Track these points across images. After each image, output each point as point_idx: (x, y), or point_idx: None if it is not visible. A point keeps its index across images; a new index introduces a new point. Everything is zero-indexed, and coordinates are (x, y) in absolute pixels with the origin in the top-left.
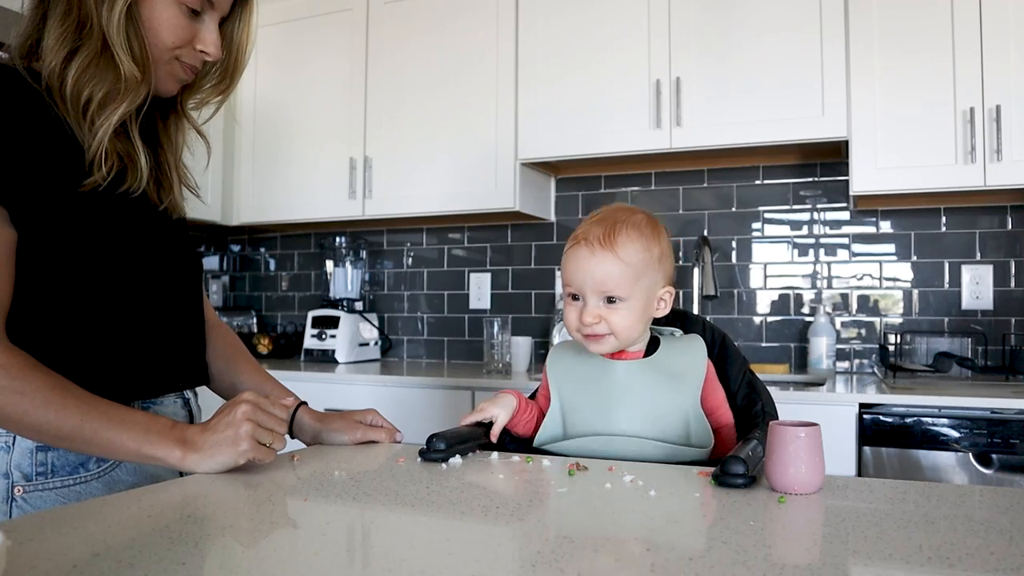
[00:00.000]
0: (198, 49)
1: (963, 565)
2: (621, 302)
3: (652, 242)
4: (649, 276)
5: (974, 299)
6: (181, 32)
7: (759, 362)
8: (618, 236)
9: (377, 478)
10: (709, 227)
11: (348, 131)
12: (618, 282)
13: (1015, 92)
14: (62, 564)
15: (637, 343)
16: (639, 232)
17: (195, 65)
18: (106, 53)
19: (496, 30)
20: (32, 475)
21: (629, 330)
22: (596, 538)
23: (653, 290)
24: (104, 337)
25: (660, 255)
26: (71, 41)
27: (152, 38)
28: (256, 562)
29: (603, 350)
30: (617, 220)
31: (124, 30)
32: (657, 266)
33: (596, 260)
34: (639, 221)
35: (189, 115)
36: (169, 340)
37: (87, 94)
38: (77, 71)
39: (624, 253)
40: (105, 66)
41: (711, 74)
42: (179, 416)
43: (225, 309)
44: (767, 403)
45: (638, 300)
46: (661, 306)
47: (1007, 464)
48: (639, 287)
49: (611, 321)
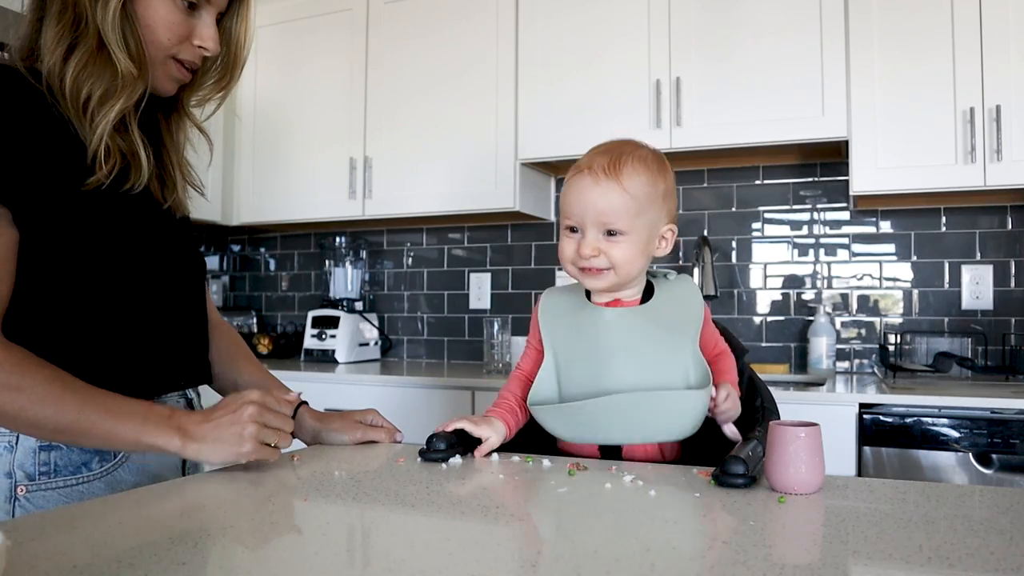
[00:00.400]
0: (196, 45)
1: (963, 565)
2: (622, 236)
3: (658, 177)
4: (653, 211)
5: (974, 299)
6: (177, 28)
7: (759, 362)
8: (624, 167)
9: (377, 478)
10: (709, 227)
11: (348, 131)
12: (620, 214)
13: (1015, 92)
14: (62, 564)
15: (632, 286)
16: (645, 165)
17: (193, 61)
18: (102, 50)
19: (496, 30)
20: (35, 475)
21: (629, 265)
22: (596, 538)
23: (656, 227)
24: (107, 335)
25: (665, 191)
26: (68, 39)
27: (149, 35)
28: (256, 562)
29: (600, 286)
30: (623, 152)
31: (119, 27)
32: (661, 202)
33: (600, 190)
34: (645, 155)
35: (190, 113)
36: (172, 338)
37: (86, 92)
38: (75, 69)
39: (629, 184)
40: (102, 63)
41: (711, 74)
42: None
43: (225, 309)
44: (767, 399)
45: (640, 235)
46: (663, 245)
47: (1007, 464)
48: (641, 221)
49: (611, 255)
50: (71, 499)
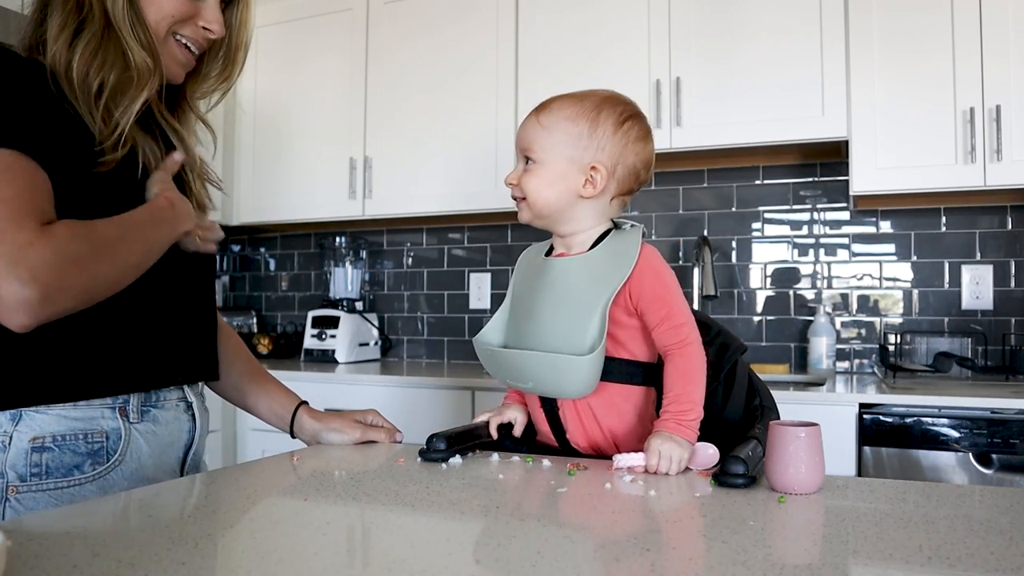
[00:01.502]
0: (201, 26)
1: (963, 565)
2: (534, 165)
3: (587, 115)
4: (569, 146)
5: (974, 299)
6: (180, 7)
7: (759, 362)
8: (551, 102)
9: (377, 478)
10: (709, 227)
11: (348, 131)
12: (530, 142)
13: (1015, 92)
14: (62, 564)
15: (580, 234)
16: (576, 103)
17: (197, 40)
18: (110, 36)
19: (496, 30)
20: (27, 476)
21: (537, 195)
22: (596, 538)
23: (575, 163)
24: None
25: (592, 130)
26: (72, 25)
27: (151, 15)
28: (256, 562)
29: (522, 218)
30: (574, 92)
31: (128, 14)
32: (586, 140)
33: (525, 123)
34: (591, 96)
35: (195, 106)
36: (180, 333)
37: (98, 81)
38: (83, 56)
39: (545, 117)
40: (111, 51)
41: (711, 74)
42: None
43: (225, 309)
44: (765, 398)
45: (552, 167)
46: (589, 186)
47: (1007, 464)
48: (556, 153)
49: (523, 183)
50: (62, 501)
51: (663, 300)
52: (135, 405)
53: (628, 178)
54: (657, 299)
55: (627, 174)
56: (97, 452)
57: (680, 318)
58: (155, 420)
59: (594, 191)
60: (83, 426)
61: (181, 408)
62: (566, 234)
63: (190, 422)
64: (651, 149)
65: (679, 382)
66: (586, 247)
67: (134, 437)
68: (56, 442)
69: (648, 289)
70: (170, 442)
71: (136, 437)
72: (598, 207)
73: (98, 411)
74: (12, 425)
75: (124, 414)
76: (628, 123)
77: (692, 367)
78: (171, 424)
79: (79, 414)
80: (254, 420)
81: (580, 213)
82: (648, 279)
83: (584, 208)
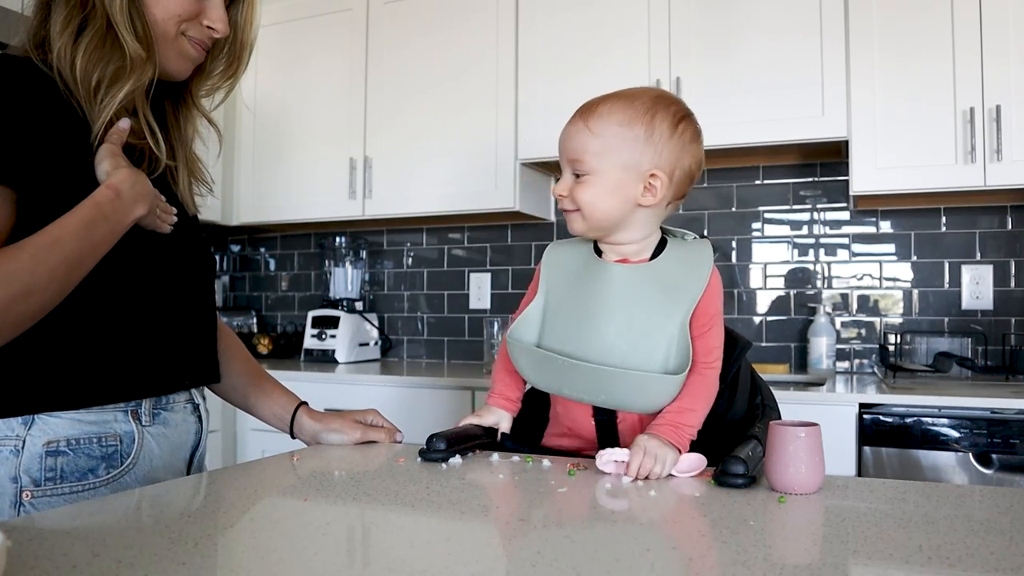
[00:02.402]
0: (205, 25)
1: (963, 565)
2: (588, 177)
3: (640, 118)
4: (625, 152)
5: (974, 299)
6: (185, 7)
7: (759, 362)
8: (598, 107)
9: (377, 478)
10: (709, 227)
11: (348, 131)
12: (583, 154)
13: (1015, 92)
14: (62, 564)
15: (637, 242)
16: (627, 105)
17: (203, 40)
18: (110, 33)
19: (496, 30)
20: (41, 480)
21: (593, 207)
22: (596, 538)
23: (634, 169)
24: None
25: (647, 134)
26: (76, 22)
27: (156, 16)
28: (256, 562)
29: (575, 230)
30: (618, 94)
31: (127, 9)
32: (643, 145)
33: (571, 130)
34: (640, 96)
35: (199, 104)
36: (180, 336)
37: (96, 76)
38: (85, 52)
39: (596, 124)
40: (111, 47)
41: (711, 74)
42: (189, 421)
43: (225, 309)
44: (767, 396)
45: (608, 176)
46: (649, 194)
47: (1007, 464)
48: (610, 162)
49: (576, 196)
50: None
51: (713, 320)
52: (147, 408)
53: (684, 181)
54: (709, 317)
55: (683, 177)
56: (111, 456)
57: (716, 340)
58: (166, 423)
59: (654, 199)
60: (97, 430)
61: (188, 410)
62: (623, 242)
63: (197, 423)
64: (702, 149)
65: (688, 397)
66: (646, 255)
67: (146, 440)
68: (71, 446)
69: (710, 306)
70: (179, 444)
71: (148, 440)
72: (656, 214)
73: (111, 414)
74: (25, 429)
75: (136, 417)
76: (683, 124)
77: (706, 389)
78: (180, 426)
79: (93, 418)
80: (254, 420)
81: (639, 221)
82: (714, 298)
83: (643, 216)
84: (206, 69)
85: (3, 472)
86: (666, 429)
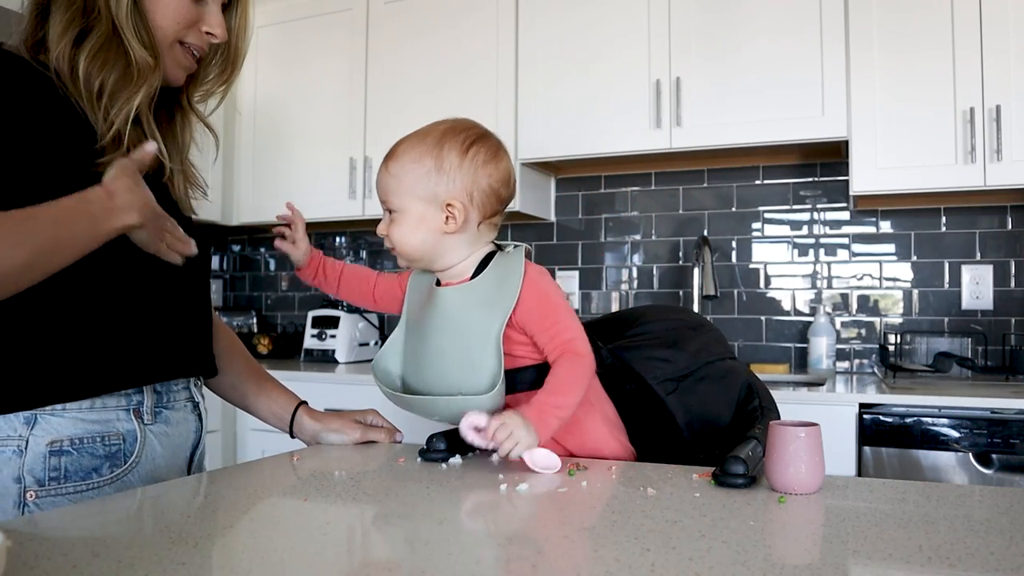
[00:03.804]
0: (204, 31)
1: (963, 565)
2: (396, 215)
3: (431, 152)
4: (421, 187)
5: (974, 299)
6: (186, 13)
7: (759, 362)
8: (397, 148)
9: (377, 478)
10: (709, 227)
11: (348, 131)
12: (386, 194)
13: (1015, 92)
14: (62, 564)
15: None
16: (419, 142)
17: (201, 47)
18: (115, 39)
19: (496, 30)
20: (45, 480)
21: (403, 242)
22: (596, 538)
23: (432, 201)
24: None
25: (437, 166)
26: (77, 27)
27: (157, 22)
28: (256, 562)
29: (402, 264)
30: (416, 132)
31: (132, 15)
32: (435, 177)
33: (379, 174)
34: (432, 131)
35: (196, 109)
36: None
37: (99, 81)
38: (88, 56)
39: (393, 165)
40: (115, 52)
41: (711, 74)
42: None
43: (225, 309)
44: (765, 399)
45: (411, 212)
46: (451, 222)
47: (1007, 464)
48: (408, 198)
49: (390, 234)
50: None
51: (551, 319)
52: (148, 406)
53: (489, 201)
54: (544, 318)
55: (486, 198)
56: (115, 454)
57: (568, 333)
58: (167, 421)
59: (456, 226)
60: (100, 428)
61: (189, 408)
62: (444, 268)
63: (197, 422)
64: (505, 165)
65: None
66: (468, 275)
67: (148, 439)
68: (74, 445)
69: (534, 311)
70: (180, 443)
71: (151, 439)
72: (467, 238)
73: (113, 413)
74: (27, 429)
75: (138, 416)
76: (473, 148)
77: (574, 375)
78: (181, 425)
79: (95, 416)
80: (254, 420)
81: (450, 248)
82: (532, 302)
83: (453, 242)
84: (200, 75)
85: (6, 472)
86: (531, 412)
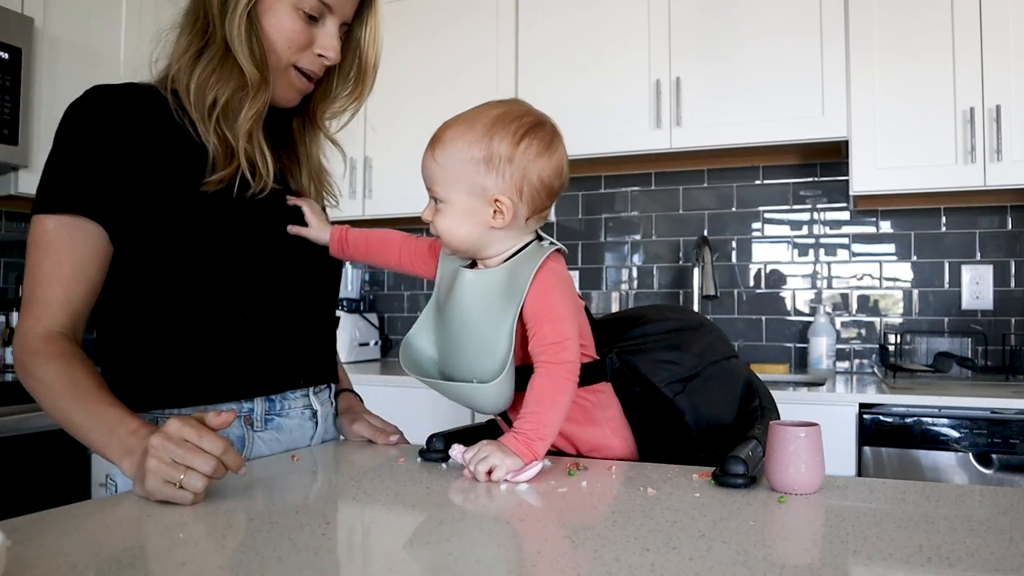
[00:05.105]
0: (316, 53)
1: (963, 565)
2: (443, 204)
3: (480, 141)
4: (469, 178)
5: (974, 299)
6: (298, 37)
7: (759, 362)
8: (442, 134)
9: (377, 478)
10: (709, 227)
11: (348, 131)
12: (432, 183)
13: (1015, 92)
14: (62, 564)
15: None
16: (468, 130)
17: (313, 70)
18: (228, 57)
19: (496, 31)
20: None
21: (449, 235)
22: (596, 538)
23: (480, 196)
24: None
25: (490, 157)
26: (197, 45)
27: (270, 44)
28: (256, 562)
29: (446, 251)
30: (465, 115)
31: (244, 34)
32: (484, 170)
33: (424, 159)
34: (482, 117)
35: (323, 125)
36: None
37: (212, 96)
38: (201, 73)
39: (439, 153)
40: (228, 70)
41: (711, 74)
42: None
43: None
44: (765, 399)
45: (458, 205)
46: (498, 217)
47: (1007, 464)
48: (457, 189)
49: (435, 224)
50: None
51: (547, 315)
52: (259, 414)
53: (539, 196)
54: (539, 313)
55: (536, 193)
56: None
57: (555, 336)
58: (279, 428)
59: (504, 222)
60: None
61: (307, 416)
62: (488, 257)
63: (313, 429)
64: (558, 157)
65: (534, 401)
66: (499, 263)
67: (256, 444)
68: None
69: (535, 303)
70: (290, 447)
71: (259, 443)
72: (514, 232)
73: None
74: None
75: (249, 423)
76: (525, 140)
77: (554, 388)
78: (295, 432)
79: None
80: None
81: (497, 241)
82: (537, 296)
83: (500, 236)
84: (329, 92)
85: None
86: (510, 440)
